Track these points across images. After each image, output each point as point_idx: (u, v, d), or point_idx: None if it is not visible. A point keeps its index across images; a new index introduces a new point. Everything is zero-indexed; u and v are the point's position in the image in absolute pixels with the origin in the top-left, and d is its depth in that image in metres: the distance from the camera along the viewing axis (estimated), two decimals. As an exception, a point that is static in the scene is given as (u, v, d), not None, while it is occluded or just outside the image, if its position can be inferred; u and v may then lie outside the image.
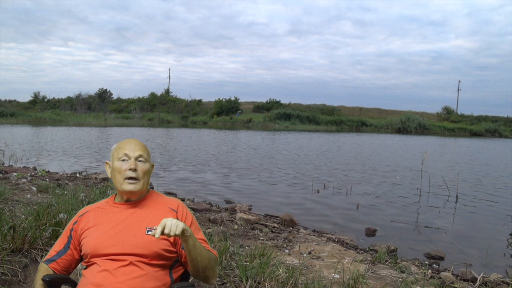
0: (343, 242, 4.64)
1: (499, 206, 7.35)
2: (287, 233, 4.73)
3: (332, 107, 52.63)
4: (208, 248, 1.58)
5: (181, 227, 1.36)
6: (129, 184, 1.57)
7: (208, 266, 1.54)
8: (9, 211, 3.37)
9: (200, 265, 1.51)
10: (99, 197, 4.47)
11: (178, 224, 1.36)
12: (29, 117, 38.92)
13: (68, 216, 3.31)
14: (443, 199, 7.76)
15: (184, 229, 1.38)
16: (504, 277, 3.67)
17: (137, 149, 1.62)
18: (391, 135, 34.44)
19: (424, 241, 5.09)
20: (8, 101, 51.12)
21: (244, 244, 3.94)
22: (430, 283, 3.31)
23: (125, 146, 1.62)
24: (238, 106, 49.98)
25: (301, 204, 6.95)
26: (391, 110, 54.69)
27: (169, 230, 1.34)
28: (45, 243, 2.88)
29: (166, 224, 1.35)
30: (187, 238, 1.42)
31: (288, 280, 2.74)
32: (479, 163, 14.99)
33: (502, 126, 43.33)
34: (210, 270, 1.56)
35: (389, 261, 3.90)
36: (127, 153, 1.60)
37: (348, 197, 7.58)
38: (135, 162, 1.59)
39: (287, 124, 41.87)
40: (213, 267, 1.58)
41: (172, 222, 1.36)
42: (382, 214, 6.40)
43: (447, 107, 53.80)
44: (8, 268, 2.55)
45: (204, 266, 1.52)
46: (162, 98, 55.10)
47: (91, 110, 48.20)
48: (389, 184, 9.30)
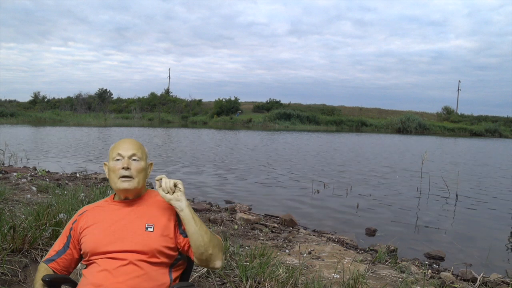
0: (343, 242, 4.64)
1: (499, 206, 7.35)
2: (287, 233, 4.73)
3: (332, 107, 52.62)
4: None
5: (173, 181, 1.53)
6: (123, 182, 1.59)
7: (211, 242, 1.52)
8: (9, 211, 3.37)
9: (202, 240, 1.50)
10: (99, 197, 4.47)
11: (171, 180, 1.54)
12: (29, 117, 38.91)
13: (68, 216, 3.31)
14: (443, 199, 7.76)
15: (175, 182, 1.53)
16: (504, 277, 3.67)
17: (130, 148, 1.64)
18: (391, 135, 34.44)
19: (424, 241, 5.09)
20: (8, 101, 51.10)
21: (244, 244, 3.94)
22: (430, 283, 3.31)
23: (119, 146, 1.66)
24: (238, 106, 49.97)
25: (301, 204, 6.95)
26: (391, 110, 54.69)
27: (164, 181, 1.53)
28: (45, 243, 2.88)
29: (165, 177, 1.55)
30: (183, 207, 1.52)
31: (288, 280, 2.74)
32: (479, 163, 14.99)
33: (502, 126, 43.31)
34: (215, 248, 1.53)
35: (389, 261, 3.90)
36: (120, 153, 1.63)
37: (348, 197, 7.58)
38: (128, 161, 1.61)
39: (287, 124, 41.86)
40: (217, 245, 1.56)
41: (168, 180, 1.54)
42: (382, 214, 6.41)
43: (447, 107, 53.81)
44: (8, 268, 2.55)
45: (206, 242, 1.50)
46: (162, 98, 55.09)
47: (91, 110, 48.18)
48: (389, 184, 9.30)
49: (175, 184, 1.53)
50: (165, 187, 1.52)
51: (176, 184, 1.53)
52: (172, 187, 1.52)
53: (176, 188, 1.53)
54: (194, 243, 1.51)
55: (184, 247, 1.58)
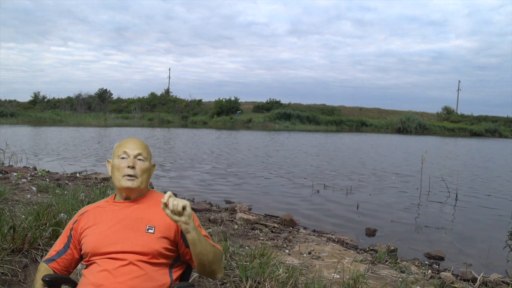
0: (343, 242, 4.64)
1: (499, 206, 7.35)
2: (287, 233, 4.73)
3: (332, 107, 52.61)
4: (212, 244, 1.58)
5: (181, 204, 1.39)
6: (127, 181, 1.59)
7: (214, 260, 1.53)
8: (9, 211, 3.37)
9: (206, 259, 1.50)
10: (99, 197, 4.47)
11: (180, 201, 1.40)
12: (29, 117, 38.90)
13: (68, 216, 3.31)
14: (443, 199, 7.76)
15: (184, 205, 1.40)
16: (504, 277, 3.67)
17: (137, 148, 1.65)
18: (391, 135, 34.44)
19: (424, 241, 5.09)
20: (8, 101, 51.09)
21: (244, 244, 3.94)
22: (430, 283, 3.31)
23: (125, 145, 1.66)
24: (238, 106, 49.97)
25: (301, 204, 6.95)
26: (391, 110, 54.69)
27: (172, 204, 1.38)
28: (45, 243, 2.88)
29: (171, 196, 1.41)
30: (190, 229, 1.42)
31: (288, 280, 2.74)
32: (479, 163, 14.99)
33: (502, 126, 43.31)
34: (216, 264, 1.56)
35: (389, 261, 3.90)
36: (126, 151, 1.63)
37: (348, 197, 7.58)
38: (134, 160, 1.61)
39: (287, 124, 41.86)
40: (219, 261, 1.58)
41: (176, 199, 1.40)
42: (382, 214, 6.41)
43: (447, 107, 53.81)
44: (8, 268, 2.55)
45: (210, 261, 1.52)
46: (162, 98, 55.08)
47: (91, 110, 48.17)
48: (389, 184, 9.30)
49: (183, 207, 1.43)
50: (174, 210, 1.41)
51: (184, 207, 1.43)
52: (180, 211, 1.42)
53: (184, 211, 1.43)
54: (197, 262, 1.51)
55: (186, 256, 1.58)
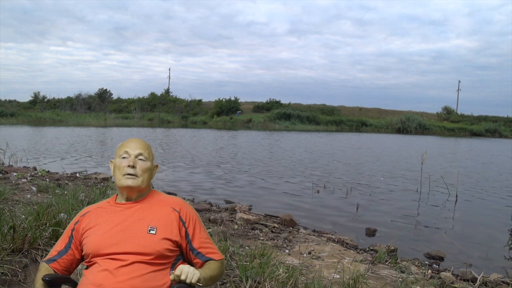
0: (343, 242, 4.64)
1: (499, 206, 7.35)
2: (287, 233, 4.73)
3: (332, 107, 52.63)
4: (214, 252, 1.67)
5: (197, 276, 1.42)
6: (127, 179, 1.60)
7: (217, 279, 1.65)
8: (9, 211, 3.37)
9: (212, 283, 1.60)
10: (99, 197, 4.47)
11: (195, 273, 1.42)
12: (29, 117, 38.86)
13: (68, 216, 3.31)
14: (443, 199, 7.76)
15: (200, 278, 1.43)
16: (504, 277, 3.67)
17: (138, 148, 1.67)
18: (391, 135, 34.44)
19: (424, 241, 5.09)
20: (8, 101, 51.08)
21: (244, 244, 3.94)
22: (430, 283, 3.31)
23: (127, 145, 1.68)
24: (238, 106, 49.98)
25: (301, 204, 6.95)
26: (391, 110, 54.72)
27: (186, 276, 1.40)
28: (45, 243, 2.88)
29: (183, 270, 1.41)
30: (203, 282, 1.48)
31: (288, 280, 2.74)
32: (479, 163, 14.99)
33: (502, 126, 43.29)
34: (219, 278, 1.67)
35: (389, 261, 3.90)
36: (127, 151, 1.65)
37: (348, 197, 7.58)
38: (135, 160, 1.63)
39: (287, 124, 41.86)
40: (221, 274, 1.68)
41: (190, 270, 1.42)
42: (382, 214, 6.41)
43: (447, 107, 53.80)
44: (8, 268, 2.55)
45: (215, 282, 1.64)
46: (162, 98, 55.09)
47: (91, 110, 48.18)
48: (389, 184, 9.30)
49: (198, 280, 1.43)
50: (188, 277, 1.41)
51: (199, 281, 1.43)
52: (194, 282, 1.42)
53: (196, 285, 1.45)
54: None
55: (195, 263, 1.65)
